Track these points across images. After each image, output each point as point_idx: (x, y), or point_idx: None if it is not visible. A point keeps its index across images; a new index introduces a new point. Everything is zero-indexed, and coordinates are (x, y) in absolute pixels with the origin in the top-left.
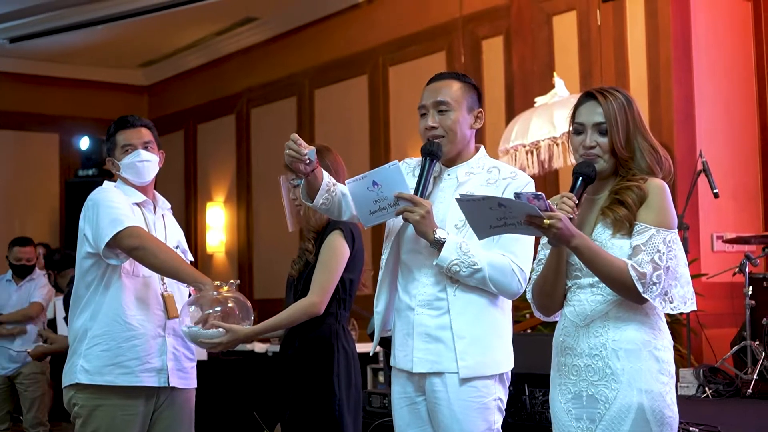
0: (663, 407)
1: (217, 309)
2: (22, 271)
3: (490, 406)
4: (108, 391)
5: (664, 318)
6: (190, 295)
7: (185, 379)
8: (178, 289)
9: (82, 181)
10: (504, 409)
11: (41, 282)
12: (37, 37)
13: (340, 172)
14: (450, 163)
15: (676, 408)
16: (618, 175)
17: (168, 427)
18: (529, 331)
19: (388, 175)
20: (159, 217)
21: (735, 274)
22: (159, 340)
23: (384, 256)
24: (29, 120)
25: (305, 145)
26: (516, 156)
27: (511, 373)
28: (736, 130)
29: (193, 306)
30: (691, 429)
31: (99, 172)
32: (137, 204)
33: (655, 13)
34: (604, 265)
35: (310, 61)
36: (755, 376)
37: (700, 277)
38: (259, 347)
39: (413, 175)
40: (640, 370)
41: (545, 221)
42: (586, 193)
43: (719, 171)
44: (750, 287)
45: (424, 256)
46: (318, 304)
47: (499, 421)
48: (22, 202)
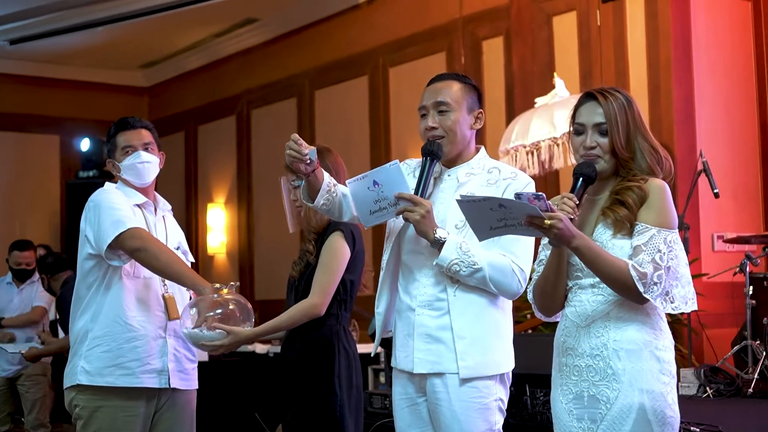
0: (664, 407)
1: (218, 311)
2: (22, 274)
3: (491, 406)
4: (109, 393)
5: (665, 318)
6: (191, 297)
7: (186, 381)
8: (179, 290)
9: (82, 182)
10: (505, 409)
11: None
12: (37, 38)
13: (340, 172)
14: (450, 163)
15: (677, 408)
16: (618, 175)
17: (169, 429)
18: (530, 331)
19: (389, 174)
20: (160, 219)
21: (736, 273)
22: (160, 342)
23: (385, 256)
24: (30, 121)
25: (306, 145)
26: (516, 156)
27: (512, 374)
28: (736, 130)
29: (194, 308)
30: (692, 429)
31: (99, 173)
32: (138, 205)
33: (655, 13)
34: (604, 265)
35: (310, 62)
36: (756, 376)
37: (701, 277)
38: (260, 348)
39: (414, 176)
40: (641, 370)
41: (546, 222)
42: (586, 193)
43: (719, 171)
44: (750, 287)
45: (424, 256)
46: (319, 306)
47: (500, 422)
48: (22, 203)
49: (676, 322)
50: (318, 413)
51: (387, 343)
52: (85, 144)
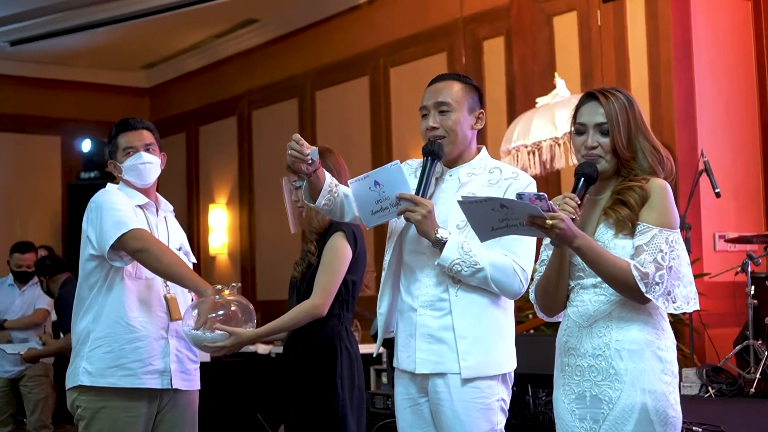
0: (666, 407)
1: (220, 313)
2: (23, 276)
3: (493, 406)
4: (111, 393)
5: (667, 318)
6: (192, 299)
7: (188, 381)
8: (181, 291)
9: (84, 183)
10: (507, 409)
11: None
12: (38, 39)
13: (341, 173)
14: (451, 163)
15: (679, 408)
16: (620, 175)
17: (171, 429)
18: (532, 331)
19: (390, 175)
20: (161, 220)
21: (737, 273)
22: (162, 342)
23: (386, 257)
24: (31, 123)
25: (307, 145)
26: (518, 156)
27: (514, 374)
28: (737, 130)
29: (196, 310)
30: (694, 429)
31: (101, 174)
32: (140, 206)
33: (656, 13)
34: (606, 265)
35: (311, 63)
36: (758, 376)
37: (703, 277)
38: (262, 349)
39: (415, 176)
40: (643, 370)
41: (548, 222)
42: (588, 193)
43: (721, 170)
44: (752, 286)
45: (426, 256)
46: (321, 306)
47: (502, 422)
48: (24, 204)
49: (678, 322)
50: (320, 413)
51: (389, 344)
52: (86, 145)
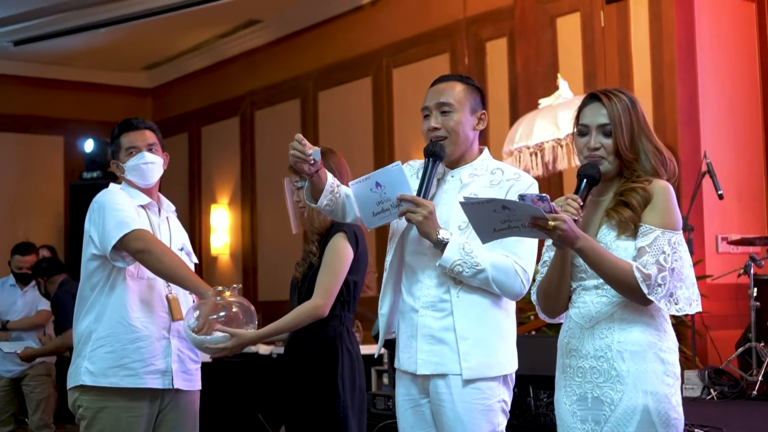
0: (668, 409)
1: (221, 314)
2: (24, 278)
3: (494, 408)
4: (113, 393)
5: (669, 319)
6: (194, 300)
7: (190, 381)
8: (183, 291)
9: (86, 183)
10: (508, 411)
11: None
12: (41, 40)
13: (343, 174)
14: (453, 164)
15: (681, 410)
16: (623, 176)
17: (172, 429)
18: (533, 332)
19: (391, 176)
20: (164, 220)
21: (740, 275)
22: (163, 342)
23: (388, 257)
24: (33, 123)
25: (310, 145)
26: (520, 158)
27: (515, 375)
28: (740, 131)
29: (197, 312)
30: (696, 431)
31: (103, 174)
32: (142, 206)
33: (659, 14)
34: (608, 266)
35: (313, 64)
36: (760, 378)
37: (705, 279)
38: (263, 349)
39: (417, 177)
40: (645, 371)
41: (550, 223)
42: (590, 194)
43: (724, 172)
44: (755, 288)
45: (427, 257)
46: (322, 307)
47: (503, 423)
48: (26, 204)
49: (680, 324)
50: (321, 414)
51: (390, 344)
52: (88, 145)
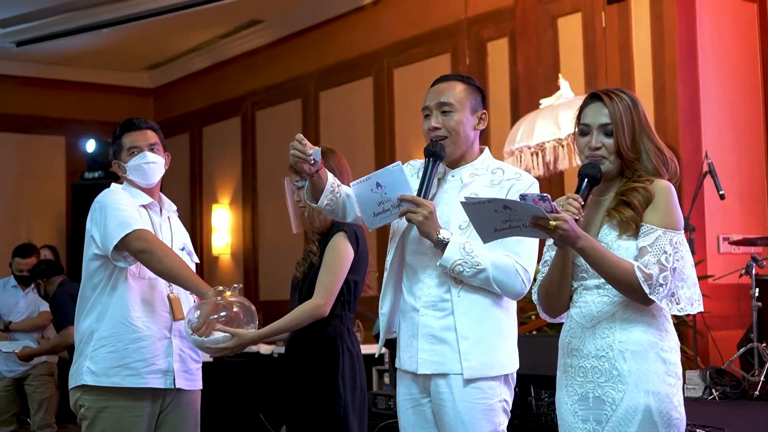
0: (670, 409)
1: (222, 314)
2: (24, 280)
3: (495, 407)
4: (114, 393)
5: (671, 319)
6: (194, 300)
7: (191, 381)
8: (184, 290)
9: (88, 183)
10: (509, 410)
11: None
12: (43, 40)
13: (344, 174)
14: (454, 164)
15: (683, 409)
16: (624, 176)
17: (174, 429)
18: (534, 332)
19: (392, 176)
20: (165, 220)
21: (741, 275)
22: (165, 342)
23: (388, 257)
24: (35, 123)
25: (310, 145)
26: (521, 157)
27: (516, 375)
28: (741, 131)
29: (197, 312)
30: (697, 431)
31: (105, 174)
32: (144, 206)
33: (661, 14)
34: (610, 266)
35: (314, 64)
36: (762, 378)
37: (707, 279)
38: (264, 349)
39: (417, 177)
40: (647, 371)
41: (551, 223)
42: (591, 194)
43: (725, 172)
44: (756, 289)
45: (428, 257)
46: (323, 306)
47: (504, 423)
48: (28, 205)
49: (681, 324)
50: (322, 414)
51: (391, 344)
52: (90, 145)
